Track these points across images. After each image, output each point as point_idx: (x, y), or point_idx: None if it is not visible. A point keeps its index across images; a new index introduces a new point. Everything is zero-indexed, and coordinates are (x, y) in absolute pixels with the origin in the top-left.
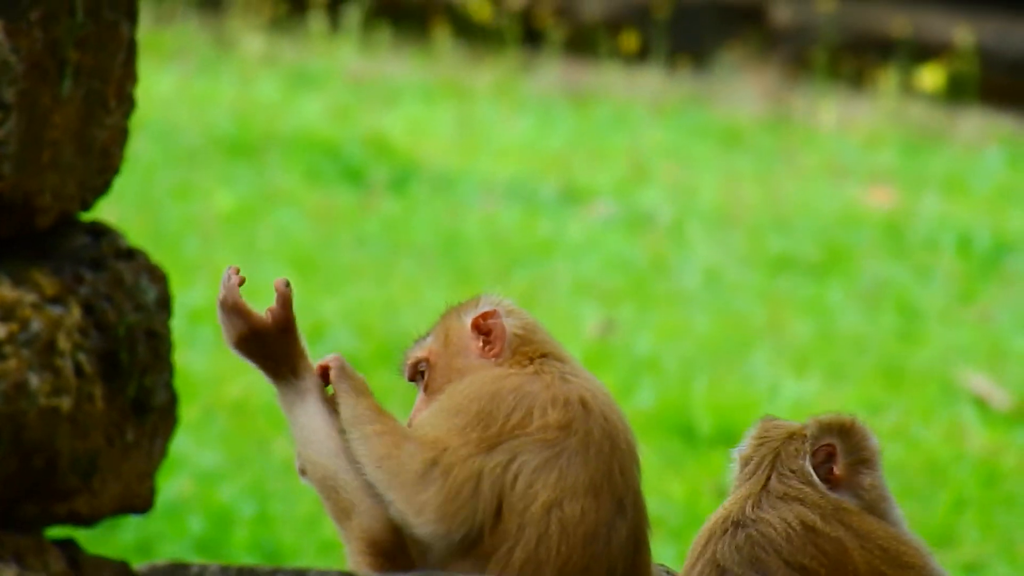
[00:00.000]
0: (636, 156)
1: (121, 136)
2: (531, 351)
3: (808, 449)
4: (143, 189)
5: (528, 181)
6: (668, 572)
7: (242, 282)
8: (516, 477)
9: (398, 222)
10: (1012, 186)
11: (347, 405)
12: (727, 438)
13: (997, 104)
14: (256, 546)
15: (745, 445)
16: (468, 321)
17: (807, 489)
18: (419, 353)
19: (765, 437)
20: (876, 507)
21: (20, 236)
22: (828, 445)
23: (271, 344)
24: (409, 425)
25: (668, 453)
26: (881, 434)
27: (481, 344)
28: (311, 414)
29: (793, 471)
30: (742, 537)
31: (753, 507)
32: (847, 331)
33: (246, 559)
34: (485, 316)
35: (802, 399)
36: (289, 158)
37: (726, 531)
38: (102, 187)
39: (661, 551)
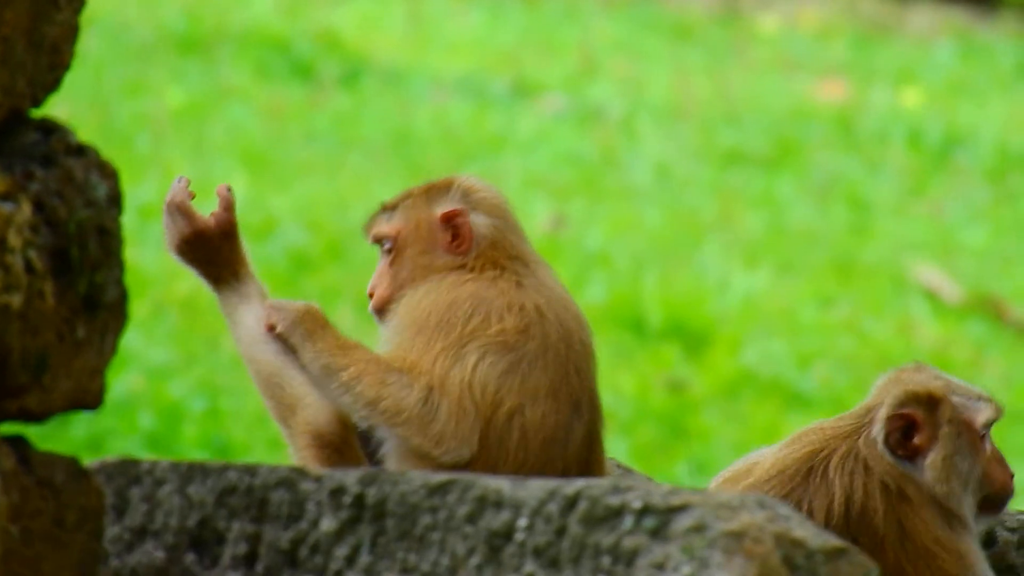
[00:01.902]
0: (586, 51)
1: (71, 32)
2: (497, 254)
3: (884, 417)
4: (94, 86)
5: (479, 76)
6: (619, 466)
7: (191, 192)
8: (485, 382)
9: (348, 118)
10: (962, 79)
11: (311, 357)
12: (677, 332)
13: None
14: (206, 442)
15: (875, 386)
16: (438, 214)
17: (879, 462)
18: (385, 229)
19: (889, 385)
20: (937, 489)
21: None
22: (904, 415)
23: (214, 248)
24: (371, 294)
25: (619, 347)
26: (832, 328)
27: (449, 239)
28: (255, 316)
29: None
30: (805, 488)
31: (836, 462)
32: (798, 225)
33: (196, 455)
34: (455, 213)
35: (753, 292)
36: (239, 54)
37: (808, 475)
38: (52, 84)
39: (613, 445)
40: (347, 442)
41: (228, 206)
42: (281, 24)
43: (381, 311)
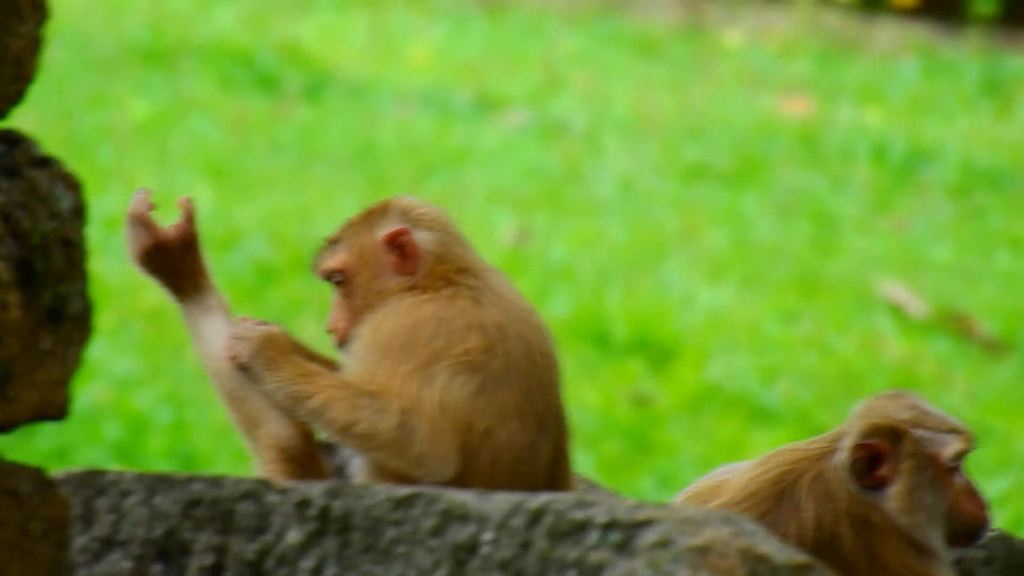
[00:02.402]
0: (550, 64)
1: (35, 45)
2: (446, 269)
3: (849, 446)
4: (58, 97)
5: (442, 89)
6: (585, 481)
7: (152, 204)
8: (457, 402)
9: (312, 130)
10: (926, 95)
11: (276, 386)
12: (641, 346)
13: (912, 14)
14: (172, 453)
15: (851, 414)
16: (380, 237)
17: (843, 491)
18: (332, 264)
19: (860, 414)
20: (901, 520)
21: None
22: (868, 446)
23: (175, 259)
24: (331, 331)
25: (583, 361)
26: (796, 343)
27: (395, 260)
28: (216, 329)
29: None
30: (778, 513)
31: (806, 487)
32: (762, 240)
33: (162, 466)
34: (398, 234)
35: (717, 307)
36: (203, 66)
37: (780, 498)
38: (16, 96)
39: (578, 460)
40: (311, 455)
41: (189, 217)
42: (245, 36)
43: (345, 343)
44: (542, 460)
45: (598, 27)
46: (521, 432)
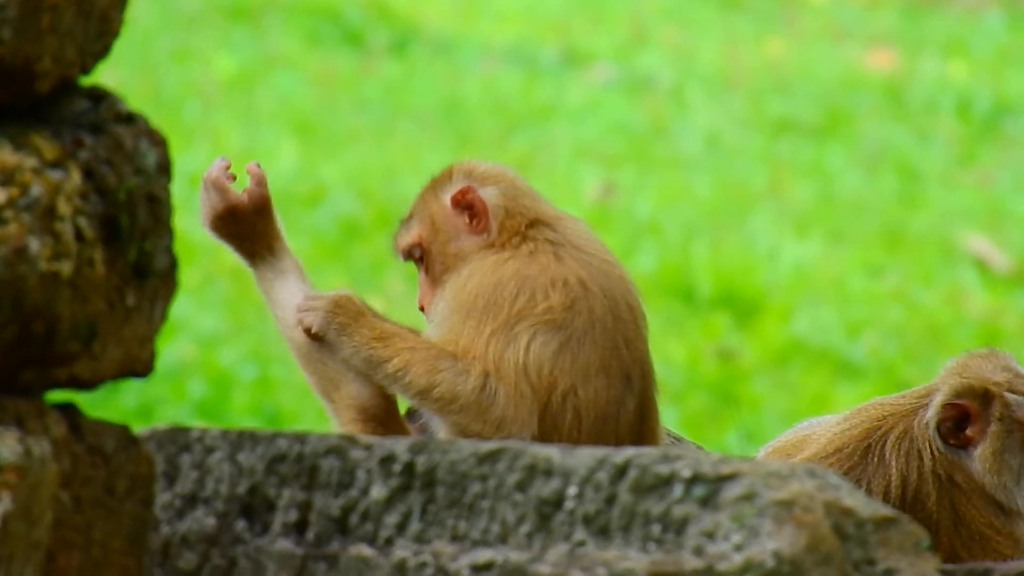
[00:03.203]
0: (636, 19)
1: (120, 0)
2: (518, 222)
3: (938, 404)
4: (143, 53)
5: (528, 44)
6: (670, 435)
7: (228, 167)
8: (540, 363)
9: (398, 86)
10: (1011, 48)
11: (351, 351)
12: (727, 301)
13: None
14: (256, 410)
15: (943, 370)
16: (447, 200)
17: (929, 448)
18: (409, 239)
19: (952, 372)
20: (986, 480)
21: (20, 101)
22: (957, 406)
23: (247, 223)
24: (422, 308)
25: (669, 316)
26: (881, 297)
27: (467, 220)
28: (292, 291)
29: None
30: (864, 468)
31: (892, 443)
32: (847, 194)
33: (246, 422)
34: (463, 192)
35: (802, 262)
36: (289, 22)
37: (866, 454)
38: (101, 51)
39: (663, 415)
40: (391, 414)
41: (260, 181)
42: None
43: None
44: (627, 417)
45: None
46: (605, 389)
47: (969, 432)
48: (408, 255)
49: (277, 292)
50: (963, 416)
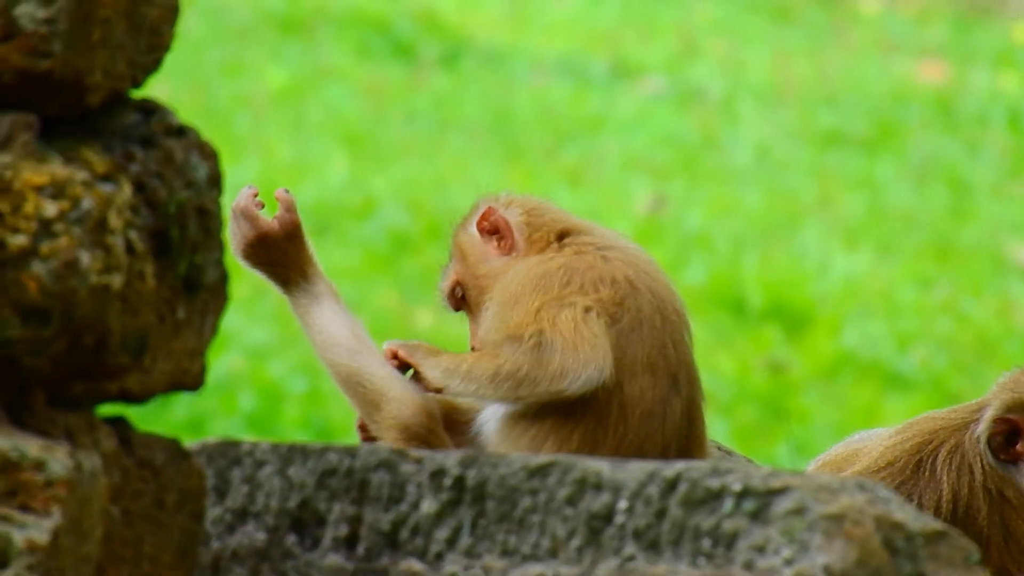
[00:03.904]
0: (686, 31)
1: (171, 13)
2: (546, 233)
3: (989, 418)
4: (194, 66)
5: (578, 57)
6: (720, 448)
7: (256, 194)
8: (597, 327)
9: (448, 98)
10: None
11: (431, 366)
12: (777, 313)
13: None
14: (306, 423)
15: (994, 385)
16: (473, 229)
17: (980, 463)
18: (449, 281)
19: (1004, 387)
20: None
21: (71, 114)
22: (1009, 420)
23: (279, 250)
24: (473, 351)
25: (718, 328)
26: (931, 309)
27: (495, 244)
28: (327, 316)
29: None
30: (915, 483)
31: (944, 457)
32: (897, 206)
33: (297, 436)
34: (485, 216)
35: (852, 274)
36: (340, 34)
37: (917, 468)
38: (152, 65)
39: (713, 427)
40: (434, 432)
41: (290, 207)
42: (381, 4)
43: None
44: (674, 418)
45: None
46: (652, 387)
47: (1020, 447)
48: (452, 296)
49: (313, 317)
50: (1014, 431)
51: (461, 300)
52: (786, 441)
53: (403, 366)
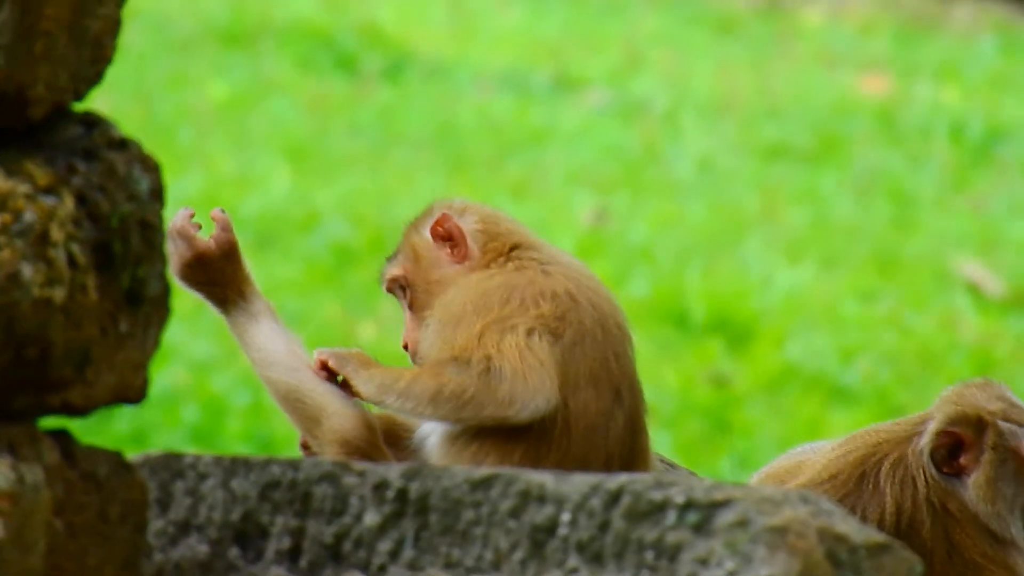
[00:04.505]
0: (630, 44)
1: (114, 26)
2: (500, 245)
3: (932, 431)
4: (136, 79)
5: (521, 69)
6: (663, 461)
7: (192, 215)
8: (540, 349)
9: (391, 111)
10: (1005, 74)
11: (364, 380)
12: (720, 326)
13: None
14: (249, 436)
15: (938, 399)
16: (427, 233)
17: (923, 475)
18: (394, 271)
19: (947, 400)
20: (980, 509)
21: (13, 127)
22: (951, 433)
23: (216, 269)
24: (406, 346)
25: (662, 341)
26: (875, 322)
27: (448, 251)
28: (266, 334)
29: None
30: (858, 496)
31: (887, 470)
32: (841, 219)
33: (240, 449)
34: (440, 222)
35: (796, 287)
36: (282, 47)
37: (860, 480)
38: (95, 77)
39: (656, 440)
40: (375, 445)
41: (226, 227)
42: (324, 17)
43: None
44: (617, 431)
45: (678, 6)
46: (595, 400)
47: (963, 460)
48: (391, 288)
49: (251, 335)
50: (957, 444)
51: (401, 291)
52: (730, 454)
53: (333, 375)
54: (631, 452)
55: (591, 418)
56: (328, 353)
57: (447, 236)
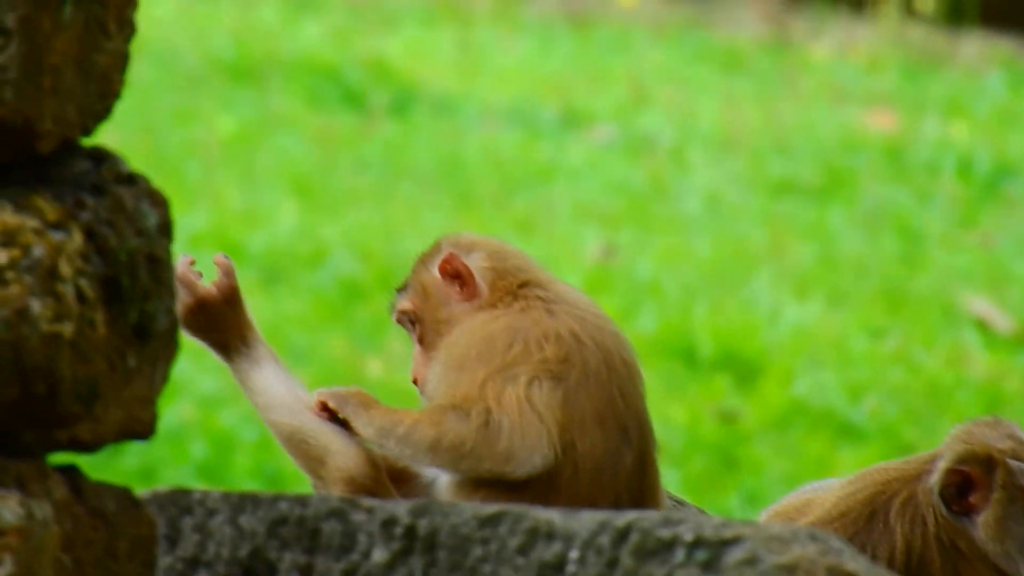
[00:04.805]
0: (636, 80)
1: (122, 61)
2: (509, 283)
3: (942, 470)
4: (144, 114)
5: (528, 105)
6: (671, 498)
7: (193, 262)
8: (543, 400)
9: (398, 146)
10: (1012, 109)
11: (364, 423)
12: (728, 362)
13: (998, 26)
14: (258, 471)
15: (948, 437)
16: (435, 270)
17: (933, 514)
18: (404, 305)
19: (957, 438)
20: (990, 548)
21: (21, 162)
22: (961, 472)
23: (218, 316)
24: (415, 381)
25: (669, 377)
26: (883, 359)
27: (457, 289)
28: (268, 378)
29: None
30: (868, 534)
31: (897, 508)
32: (848, 255)
33: (248, 485)
34: (448, 261)
35: (803, 323)
36: (289, 82)
37: (870, 519)
38: (103, 112)
39: (664, 477)
40: (380, 482)
41: (228, 272)
42: (331, 52)
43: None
44: (625, 470)
45: (684, 42)
46: (602, 440)
47: (972, 499)
48: (400, 321)
49: (255, 380)
50: (966, 483)
51: (410, 325)
52: (738, 491)
53: (334, 415)
54: (640, 491)
55: (598, 459)
56: (328, 393)
57: (455, 274)
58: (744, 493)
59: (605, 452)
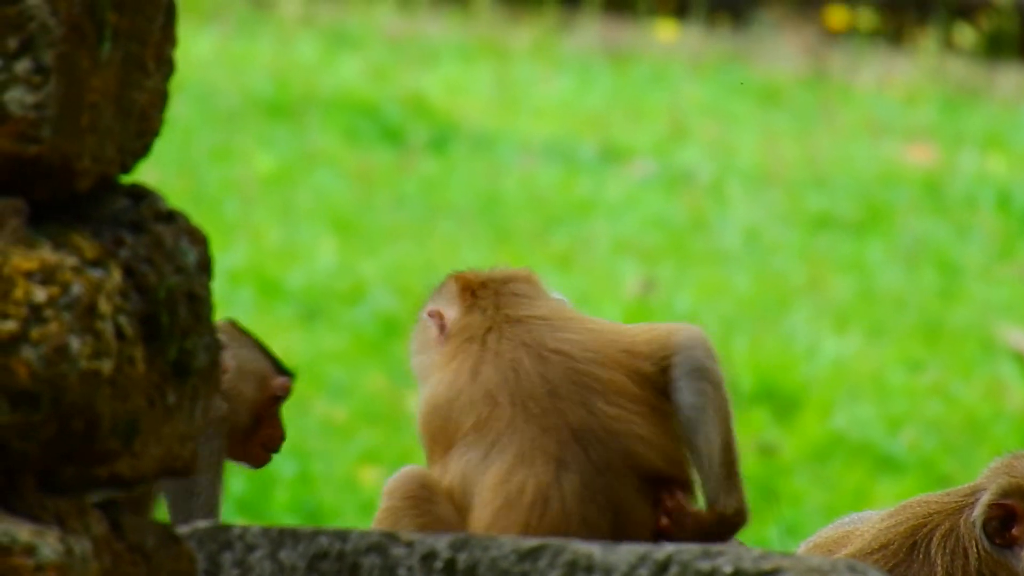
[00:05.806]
0: (675, 114)
1: (160, 99)
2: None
3: (985, 503)
4: (183, 151)
5: (567, 140)
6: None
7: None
8: (463, 480)
9: (437, 182)
10: None
11: None
12: (767, 395)
13: None
14: (297, 506)
15: (987, 469)
16: (425, 314)
17: (975, 547)
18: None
19: (998, 471)
20: None
21: (60, 200)
22: (1004, 506)
23: None
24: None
25: None
26: (921, 391)
27: (437, 333)
28: None
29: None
30: (908, 566)
31: (938, 540)
32: (887, 289)
33: (287, 520)
34: (430, 313)
35: (842, 356)
36: (328, 119)
37: (911, 551)
38: (141, 150)
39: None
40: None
41: None
42: (369, 89)
43: None
44: (572, 494)
45: (723, 76)
46: (533, 477)
47: (1015, 532)
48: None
49: None
50: (1010, 515)
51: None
52: (777, 523)
53: None
54: (606, 506)
55: (527, 496)
56: None
57: (439, 322)
58: (783, 525)
59: (537, 487)
